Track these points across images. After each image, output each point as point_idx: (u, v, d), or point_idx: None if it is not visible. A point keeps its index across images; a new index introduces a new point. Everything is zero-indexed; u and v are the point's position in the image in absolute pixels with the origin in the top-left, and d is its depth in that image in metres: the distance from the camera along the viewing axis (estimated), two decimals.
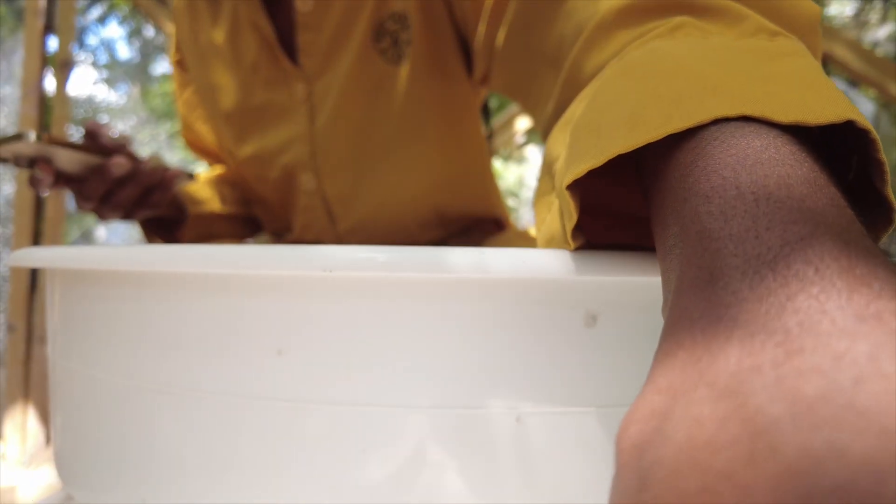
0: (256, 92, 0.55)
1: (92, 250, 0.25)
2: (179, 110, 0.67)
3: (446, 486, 0.21)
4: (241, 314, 0.22)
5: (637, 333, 0.21)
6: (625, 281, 0.21)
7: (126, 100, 2.69)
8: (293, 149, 0.55)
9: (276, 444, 0.22)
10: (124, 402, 0.25)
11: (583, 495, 0.21)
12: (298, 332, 0.21)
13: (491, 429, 0.21)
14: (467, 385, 0.21)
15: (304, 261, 0.20)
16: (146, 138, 2.44)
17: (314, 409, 0.21)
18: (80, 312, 0.27)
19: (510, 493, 0.21)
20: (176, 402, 0.23)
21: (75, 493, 0.29)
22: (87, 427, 0.27)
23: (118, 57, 2.79)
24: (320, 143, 0.54)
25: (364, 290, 0.21)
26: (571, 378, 0.21)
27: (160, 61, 3.39)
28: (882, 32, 2.21)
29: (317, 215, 0.57)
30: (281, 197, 0.59)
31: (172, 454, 0.23)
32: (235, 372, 0.22)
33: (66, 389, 0.29)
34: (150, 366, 0.24)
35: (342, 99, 0.52)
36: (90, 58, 2.79)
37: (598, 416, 0.21)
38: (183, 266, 0.22)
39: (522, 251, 0.20)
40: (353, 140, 0.54)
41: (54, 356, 0.30)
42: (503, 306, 0.21)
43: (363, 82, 0.51)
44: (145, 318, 0.24)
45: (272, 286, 0.22)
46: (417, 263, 0.20)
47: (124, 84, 2.51)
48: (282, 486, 0.22)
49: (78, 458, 0.28)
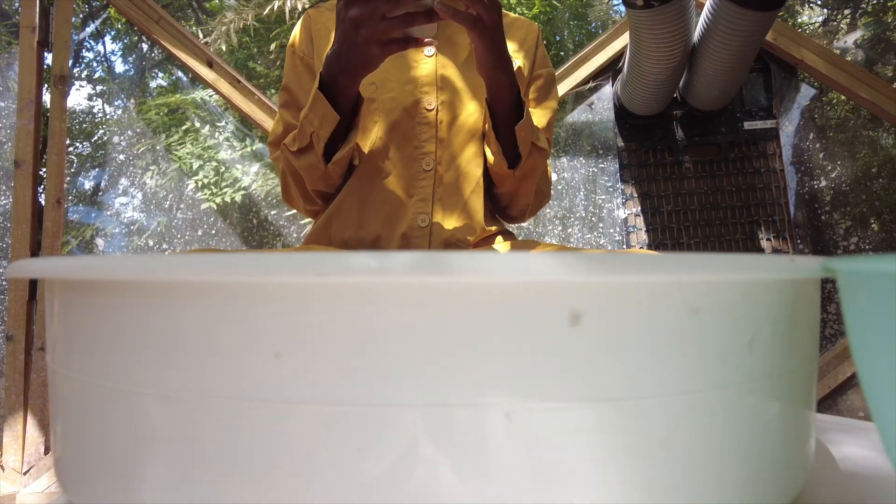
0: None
1: (90, 260, 0.26)
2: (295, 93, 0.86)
3: (441, 482, 0.22)
4: (238, 320, 0.23)
5: (620, 331, 0.22)
6: (606, 281, 0.22)
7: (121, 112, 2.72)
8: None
9: (276, 446, 0.22)
10: (124, 408, 0.25)
11: (572, 488, 0.22)
12: (295, 335, 0.22)
13: (482, 425, 0.22)
14: (458, 383, 0.22)
15: (299, 266, 0.21)
16: (142, 150, 2.47)
17: (312, 410, 0.22)
18: (78, 321, 0.28)
19: (502, 488, 0.22)
20: (175, 407, 0.24)
21: (76, 500, 0.29)
22: (87, 434, 0.27)
23: (116, 71, 2.80)
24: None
25: (358, 293, 0.22)
26: (558, 374, 0.22)
27: (156, 75, 3.40)
28: (851, 39, 2.23)
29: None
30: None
31: (172, 459, 0.24)
32: (234, 376, 0.23)
33: (66, 397, 0.29)
34: (150, 372, 0.24)
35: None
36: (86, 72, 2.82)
37: (584, 411, 0.22)
38: (180, 275, 0.23)
39: (510, 255, 0.20)
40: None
41: (54, 365, 0.30)
42: (492, 307, 0.22)
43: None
44: (144, 325, 0.24)
45: (269, 292, 0.22)
46: (408, 268, 0.20)
47: (120, 98, 2.55)
48: (281, 486, 0.22)
49: (78, 465, 0.28)
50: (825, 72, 1.87)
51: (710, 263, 0.23)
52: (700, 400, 0.23)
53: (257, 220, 2.41)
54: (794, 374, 0.27)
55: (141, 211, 2.35)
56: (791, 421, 0.28)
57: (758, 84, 1.93)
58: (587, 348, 0.22)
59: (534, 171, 0.83)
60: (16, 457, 1.29)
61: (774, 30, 1.86)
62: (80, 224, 2.19)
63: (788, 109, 2.04)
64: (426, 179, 0.81)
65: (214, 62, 1.82)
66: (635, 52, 1.60)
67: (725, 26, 1.43)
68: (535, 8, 3.31)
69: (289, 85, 0.87)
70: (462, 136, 0.83)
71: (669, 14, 1.42)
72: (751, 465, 0.25)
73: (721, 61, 1.53)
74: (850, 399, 1.84)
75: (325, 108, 0.70)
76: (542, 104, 0.92)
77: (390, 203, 0.81)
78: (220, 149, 2.54)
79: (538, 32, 0.93)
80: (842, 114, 2.19)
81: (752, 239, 1.91)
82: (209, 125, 2.57)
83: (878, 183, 2.15)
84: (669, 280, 0.23)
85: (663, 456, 0.23)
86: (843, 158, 2.12)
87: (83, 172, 2.44)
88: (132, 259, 0.24)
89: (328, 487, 0.22)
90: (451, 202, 0.82)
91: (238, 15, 3.02)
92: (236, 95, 1.82)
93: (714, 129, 1.93)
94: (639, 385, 0.22)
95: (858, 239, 2.12)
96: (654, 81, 1.65)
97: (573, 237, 2.09)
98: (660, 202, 1.92)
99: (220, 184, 2.44)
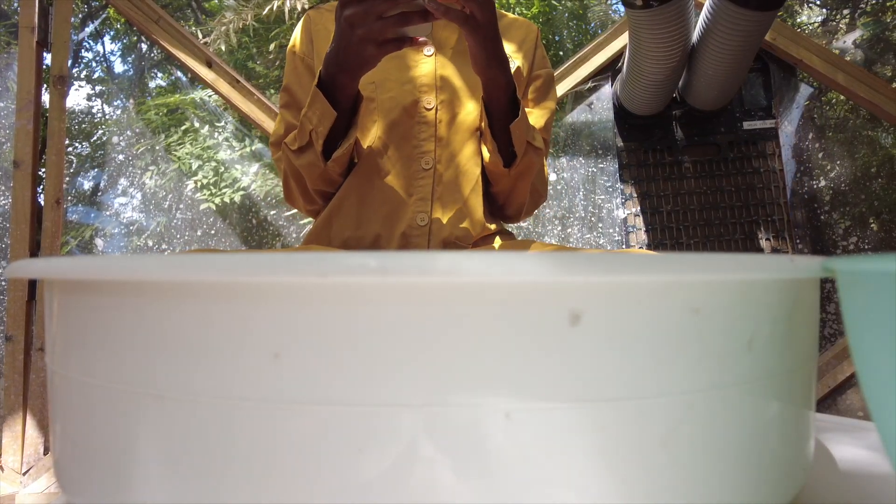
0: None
1: (89, 261, 0.26)
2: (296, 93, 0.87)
3: (440, 482, 0.22)
4: (238, 320, 0.23)
5: (619, 331, 0.22)
6: (606, 281, 0.22)
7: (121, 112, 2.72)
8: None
9: (276, 446, 0.22)
10: (124, 409, 0.25)
11: (571, 488, 0.22)
12: (294, 335, 0.22)
13: (482, 425, 0.22)
14: (458, 383, 0.22)
15: (299, 267, 0.21)
16: (142, 150, 2.47)
17: (311, 410, 0.22)
18: (78, 322, 0.28)
19: (502, 488, 0.22)
20: (175, 407, 0.24)
21: (75, 501, 0.29)
22: (86, 434, 0.27)
23: (115, 71, 2.80)
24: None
25: (357, 293, 0.22)
26: (557, 374, 0.22)
27: (155, 75, 3.40)
28: (850, 39, 2.24)
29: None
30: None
31: (172, 459, 0.24)
32: (234, 376, 0.23)
33: (65, 397, 0.29)
34: (149, 373, 0.24)
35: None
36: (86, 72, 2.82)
37: (584, 411, 0.22)
38: (180, 275, 0.23)
39: (510, 254, 0.20)
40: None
41: (53, 365, 0.30)
42: (492, 307, 0.22)
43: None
44: (143, 325, 0.24)
45: (268, 292, 0.22)
46: (408, 268, 0.20)
47: (119, 98, 2.56)
48: (281, 486, 0.22)
49: (77, 466, 0.28)
50: (824, 72, 1.87)
51: (710, 263, 0.23)
52: (699, 400, 0.23)
53: (257, 220, 2.41)
54: (794, 373, 0.27)
55: (140, 211, 2.35)
56: (790, 421, 0.28)
57: (757, 84, 1.94)
58: (587, 348, 0.22)
59: (529, 170, 0.83)
60: (15, 457, 1.30)
61: (774, 30, 1.86)
62: (80, 224, 2.19)
63: (788, 109, 2.04)
64: (425, 178, 0.82)
65: (214, 62, 1.82)
66: (634, 51, 1.60)
67: (725, 26, 1.43)
68: (533, 8, 3.31)
69: (290, 86, 0.87)
70: (461, 134, 0.83)
71: (669, 14, 1.42)
72: (750, 465, 0.25)
73: (720, 61, 1.53)
74: (849, 399, 1.84)
75: (323, 106, 0.71)
76: (541, 104, 0.93)
77: (390, 202, 0.81)
78: (219, 149, 2.54)
79: (537, 33, 0.94)
80: (841, 114, 2.19)
81: (752, 239, 1.91)
82: (208, 125, 2.57)
83: (877, 183, 2.16)
84: (669, 280, 0.23)
85: (663, 456, 0.23)
86: (843, 158, 2.12)
87: (82, 173, 2.44)
88: (131, 259, 0.24)
89: (328, 488, 0.22)
90: (450, 201, 0.82)
91: (237, 15, 3.03)
92: (235, 95, 1.82)
93: (713, 128, 1.93)
94: (638, 385, 0.23)
95: (858, 239, 2.12)
96: (654, 81, 1.65)
97: (572, 237, 2.09)
98: (659, 202, 1.93)
99: (220, 184, 2.44)
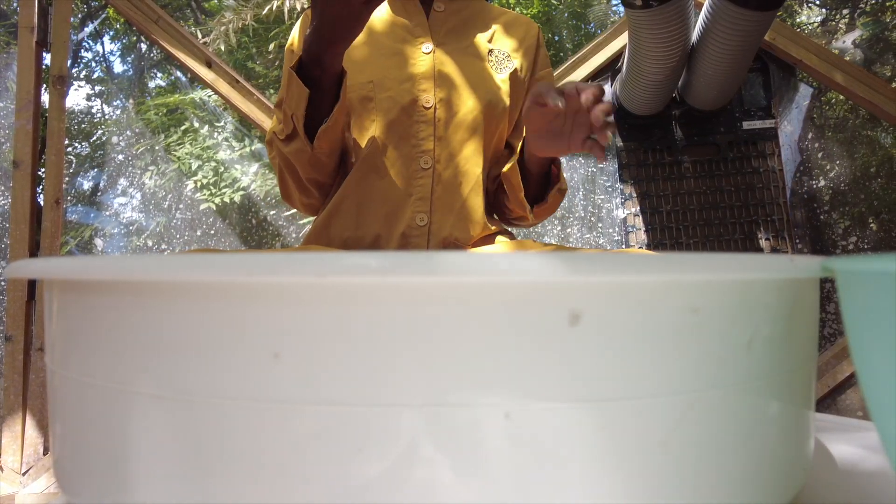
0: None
1: (89, 261, 0.26)
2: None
3: (440, 482, 0.22)
4: (238, 321, 0.23)
5: (619, 331, 0.22)
6: (606, 281, 0.22)
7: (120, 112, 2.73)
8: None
9: (276, 446, 0.22)
10: (123, 408, 0.25)
11: (571, 488, 0.22)
12: (294, 335, 0.22)
13: (482, 425, 0.22)
14: (458, 383, 0.22)
15: (299, 267, 0.21)
16: (141, 150, 2.46)
17: (311, 409, 0.22)
18: (77, 322, 0.28)
19: (502, 488, 0.22)
20: (175, 407, 0.24)
21: (75, 501, 0.29)
22: (86, 434, 0.27)
23: (114, 71, 2.80)
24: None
25: (356, 294, 0.22)
26: (557, 374, 0.22)
27: (154, 75, 3.40)
28: (850, 39, 2.24)
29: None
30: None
31: (171, 459, 0.24)
32: (234, 376, 0.23)
33: (65, 398, 0.29)
34: (149, 373, 0.24)
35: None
36: (85, 72, 2.82)
37: (584, 411, 0.22)
38: (180, 275, 0.23)
39: (510, 255, 0.20)
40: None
41: (53, 365, 0.30)
42: (491, 307, 0.22)
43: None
44: (143, 325, 0.24)
45: (268, 292, 0.22)
46: (407, 268, 0.20)
47: (119, 98, 2.55)
48: (281, 486, 0.22)
49: (77, 466, 0.28)
50: (824, 71, 1.87)
51: (710, 263, 0.23)
52: (699, 400, 0.23)
53: (256, 220, 2.41)
54: (793, 373, 0.27)
55: (140, 211, 2.35)
56: (790, 420, 0.28)
57: (756, 84, 1.94)
58: (587, 348, 0.22)
59: (552, 208, 0.87)
60: (15, 457, 1.30)
61: (773, 29, 1.86)
62: (79, 224, 2.19)
63: (787, 109, 2.04)
64: (424, 178, 0.81)
65: (213, 62, 1.82)
66: (634, 52, 1.60)
67: (724, 26, 1.43)
68: (533, 7, 3.31)
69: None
70: (461, 133, 0.83)
71: (668, 14, 1.42)
72: (749, 465, 0.25)
73: (720, 61, 1.53)
74: (848, 398, 1.84)
75: (298, 87, 0.69)
76: None
77: (389, 202, 0.81)
78: (218, 149, 2.54)
79: (538, 32, 0.93)
80: (840, 113, 2.20)
81: (751, 239, 1.91)
82: (208, 125, 2.57)
83: (876, 182, 2.16)
84: (669, 280, 0.23)
85: (662, 455, 0.23)
86: (842, 158, 2.12)
87: (82, 173, 2.44)
88: (131, 259, 0.24)
89: (328, 487, 0.22)
90: (449, 201, 0.82)
91: (237, 15, 3.03)
92: (235, 95, 1.82)
93: (713, 128, 1.93)
94: (638, 385, 0.23)
95: (857, 238, 2.12)
96: (653, 81, 1.65)
97: (572, 237, 2.09)
98: (659, 202, 1.92)
99: (219, 184, 2.44)
